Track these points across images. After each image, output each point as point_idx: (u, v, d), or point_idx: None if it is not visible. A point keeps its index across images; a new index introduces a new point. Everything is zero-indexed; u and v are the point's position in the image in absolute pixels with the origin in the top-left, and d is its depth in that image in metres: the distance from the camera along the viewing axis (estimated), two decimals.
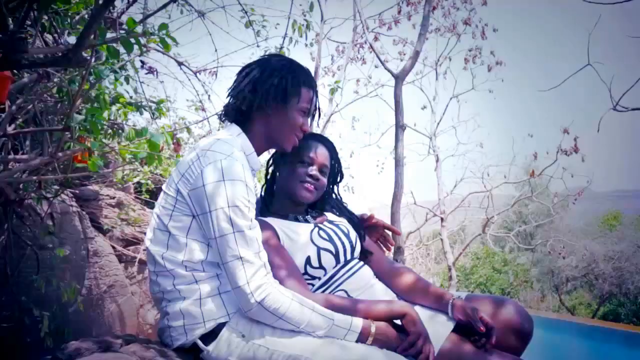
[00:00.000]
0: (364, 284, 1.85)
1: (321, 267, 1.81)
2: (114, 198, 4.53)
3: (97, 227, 4.06)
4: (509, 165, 12.03)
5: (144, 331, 4.03)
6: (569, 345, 16.21)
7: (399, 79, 4.02)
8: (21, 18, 1.26)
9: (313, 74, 5.50)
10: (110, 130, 3.06)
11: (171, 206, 1.63)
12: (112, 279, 3.85)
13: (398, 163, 3.96)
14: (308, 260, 1.79)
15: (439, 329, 1.69)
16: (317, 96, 1.87)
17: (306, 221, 1.93)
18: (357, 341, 1.57)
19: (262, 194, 2.09)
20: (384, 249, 2.22)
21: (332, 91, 5.10)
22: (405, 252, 16.54)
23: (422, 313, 1.76)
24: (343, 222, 2.00)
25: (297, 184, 1.89)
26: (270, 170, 2.09)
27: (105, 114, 2.69)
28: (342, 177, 2.13)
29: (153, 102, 3.30)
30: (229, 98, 1.84)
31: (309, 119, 1.87)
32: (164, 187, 1.71)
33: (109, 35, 1.76)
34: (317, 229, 1.89)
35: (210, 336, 1.61)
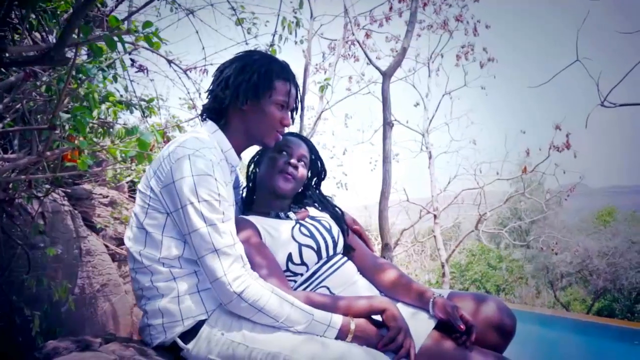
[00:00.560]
0: (347, 280, 1.84)
1: (303, 263, 1.81)
2: (107, 197, 4.52)
3: (89, 226, 4.05)
4: (502, 162, 12.04)
5: (137, 330, 4.03)
6: (564, 341, 16.31)
7: (386, 75, 4.00)
8: (1, 17, 1.26)
9: (303, 72, 5.50)
10: (100, 129, 3.05)
11: (146, 204, 1.63)
12: (106, 277, 3.85)
13: (386, 160, 3.94)
14: (289, 257, 1.79)
15: (420, 327, 1.69)
16: (296, 89, 1.84)
17: (287, 218, 1.93)
18: (336, 338, 1.57)
19: (243, 194, 2.10)
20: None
21: (322, 88, 5.10)
22: (400, 249, 16.57)
23: (404, 310, 1.77)
24: (325, 218, 1.99)
25: (276, 174, 1.90)
26: (251, 169, 2.10)
27: (95, 113, 2.69)
28: (325, 174, 2.15)
29: (144, 100, 3.29)
30: (207, 97, 1.84)
31: (290, 113, 1.85)
32: (139, 185, 1.70)
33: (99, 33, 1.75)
34: (298, 225, 1.89)
35: (190, 334, 1.61)
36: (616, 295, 18.15)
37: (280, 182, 1.89)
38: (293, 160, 1.92)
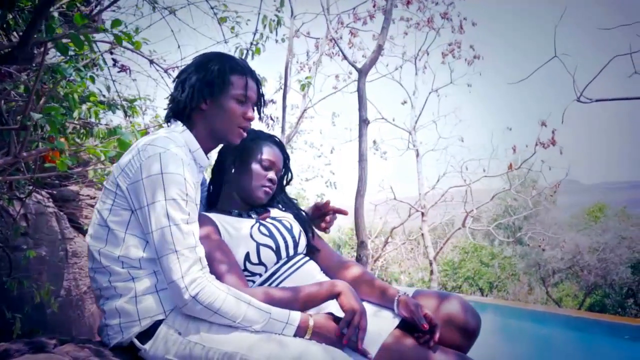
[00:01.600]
0: (308, 280, 1.81)
1: (261, 263, 1.80)
2: (94, 198, 4.50)
3: (76, 228, 4.03)
4: (490, 159, 12.04)
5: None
6: (557, 337, 16.42)
7: (362, 73, 4.01)
8: None
9: (284, 70, 5.50)
10: (83, 130, 3.04)
11: (111, 201, 1.61)
12: None
13: (361, 158, 3.94)
14: (247, 256, 1.78)
15: (382, 325, 1.68)
16: (256, 83, 1.84)
17: (249, 217, 1.92)
18: (295, 335, 1.56)
19: (210, 189, 2.07)
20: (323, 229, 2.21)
21: (303, 87, 5.13)
22: (392, 247, 16.57)
23: (368, 309, 1.75)
24: (287, 218, 1.99)
25: (258, 187, 1.91)
26: (227, 165, 2.05)
27: (76, 113, 2.67)
28: (291, 178, 2.16)
29: (127, 100, 3.28)
30: (168, 103, 1.83)
31: (254, 107, 1.85)
32: (105, 183, 1.69)
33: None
34: (258, 224, 1.88)
35: (147, 334, 1.60)
36: (607, 291, 18.25)
37: (262, 194, 1.92)
38: (273, 177, 1.95)
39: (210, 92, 1.73)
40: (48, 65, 1.79)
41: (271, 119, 6.53)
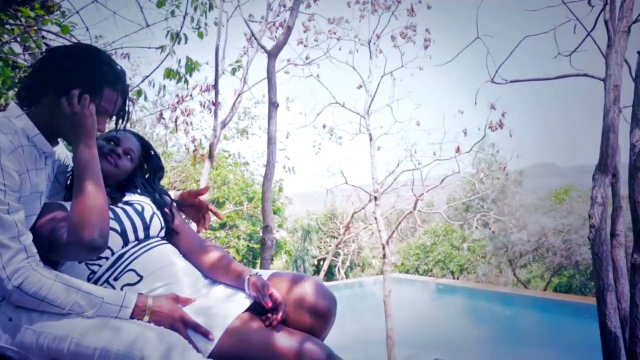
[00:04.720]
0: (161, 261, 1.80)
1: None
2: None
3: None
4: (448, 142, 12.03)
5: None
6: (523, 317, 16.78)
7: (272, 55, 3.94)
8: None
9: (215, 54, 5.45)
10: None
11: None
12: None
13: (270, 141, 3.86)
14: None
15: (231, 308, 1.68)
16: (124, 98, 1.80)
17: None
18: (133, 317, 1.54)
19: (70, 178, 2.01)
20: (203, 227, 2.22)
21: (234, 71, 5.11)
22: (352, 232, 16.58)
23: (222, 292, 1.77)
24: (142, 202, 1.97)
25: (100, 158, 1.88)
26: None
27: (3, 100, 2.62)
28: (161, 172, 2.15)
29: None
30: (30, 75, 1.72)
31: (110, 117, 1.80)
32: None
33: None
34: None
35: None
36: (572, 272, 18.60)
37: (104, 163, 1.86)
38: (118, 150, 1.92)
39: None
40: None
41: (213, 104, 6.45)
